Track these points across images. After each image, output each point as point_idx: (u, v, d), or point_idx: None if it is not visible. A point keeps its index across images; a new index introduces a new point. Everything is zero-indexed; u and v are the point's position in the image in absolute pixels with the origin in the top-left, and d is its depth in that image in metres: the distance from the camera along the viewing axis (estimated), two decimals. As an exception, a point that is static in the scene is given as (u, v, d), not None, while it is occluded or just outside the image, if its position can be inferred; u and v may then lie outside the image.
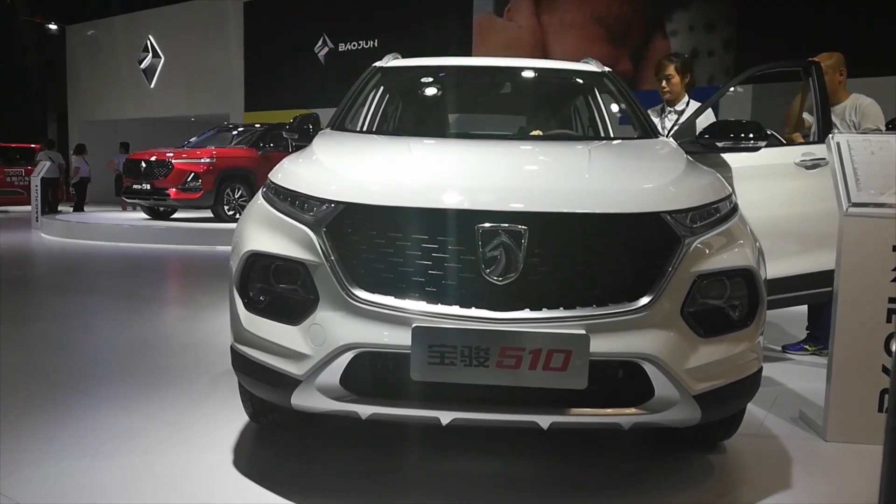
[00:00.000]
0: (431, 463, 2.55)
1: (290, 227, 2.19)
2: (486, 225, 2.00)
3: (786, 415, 3.12)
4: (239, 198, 11.67)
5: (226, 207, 11.58)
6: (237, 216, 11.84)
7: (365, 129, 3.77)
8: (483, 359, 1.95)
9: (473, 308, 1.99)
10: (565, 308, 2.00)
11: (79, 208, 16.06)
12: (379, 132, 3.77)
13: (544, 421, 2.03)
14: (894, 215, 2.75)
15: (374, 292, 2.04)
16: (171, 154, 11.68)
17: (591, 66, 3.77)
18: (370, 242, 2.07)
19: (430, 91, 4.16)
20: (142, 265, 8.36)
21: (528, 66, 3.91)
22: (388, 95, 4.01)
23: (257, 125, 13.54)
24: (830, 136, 2.92)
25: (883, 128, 3.75)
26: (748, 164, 3.41)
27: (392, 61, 3.85)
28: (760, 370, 2.30)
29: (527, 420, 2.04)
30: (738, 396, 2.25)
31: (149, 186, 11.53)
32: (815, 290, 3.77)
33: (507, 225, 1.99)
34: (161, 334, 4.66)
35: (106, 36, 23.04)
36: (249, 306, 2.26)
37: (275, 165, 2.57)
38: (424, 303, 2.01)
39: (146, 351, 4.13)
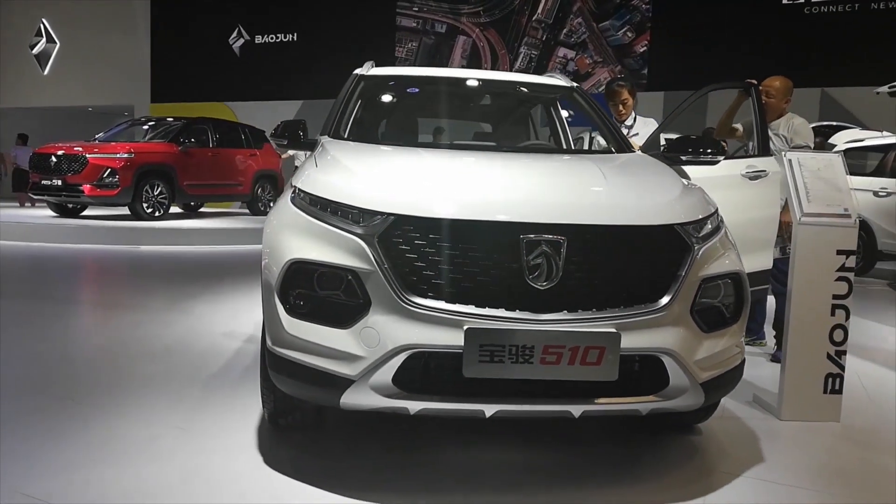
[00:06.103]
0: (420, 455, 2.74)
1: (338, 236, 2.32)
2: (531, 236, 2.23)
3: (741, 399, 3.52)
4: (159, 195, 11.23)
5: (145, 205, 11.13)
6: (157, 214, 11.40)
7: (349, 132, 3.88)
8: (528, 356, 2.18)
9: (518, 311, 2.22)
10: (597, 309, 2.27)
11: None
12: (373, 139, 3.92)
13: (576, 410, 2.30)
14: (837, 224, 3.20)
15: (426, 297, 2.22)
16: (82, 148, 11.08)
17: (561, 81, 4.09)
18: (421, 251, 2.24)
19: (410, 99, 4.37)
20: (60, 266, 7.91)
21: (504, 79, 4.20)
22: (369, 101, 4.17)
23: (170, 119, 13.05)
24: (783, 153, 3.36)
25: (812, 144, 4.28)
26: (705, 176, 3.80)
27: (372, 69, 4.00)
28: (744, 361, 2.65)
29: (561, 410, 2.30)
30: (729, 384, 2.59)
31: (60, 182, 10.89)
32: (753, 287, 4.24)
33: (549, 236, 2.23)
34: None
35: (-8, 18, 21.41)
36: (291, 311, 2.37)
37: (196, 161, 2.64)
38: (474, 306, 2.22)
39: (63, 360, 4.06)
